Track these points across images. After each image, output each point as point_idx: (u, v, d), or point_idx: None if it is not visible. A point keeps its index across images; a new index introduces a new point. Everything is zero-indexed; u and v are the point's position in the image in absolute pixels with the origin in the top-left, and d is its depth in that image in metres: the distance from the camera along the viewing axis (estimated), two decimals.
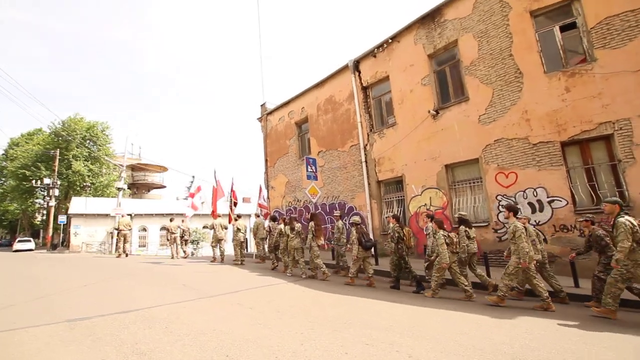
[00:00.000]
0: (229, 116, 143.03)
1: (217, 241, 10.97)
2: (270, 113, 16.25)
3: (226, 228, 11.29)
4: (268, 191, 15.80)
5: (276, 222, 10.00)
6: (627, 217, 4.35)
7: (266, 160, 16.20)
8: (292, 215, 11.06)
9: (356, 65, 11.86)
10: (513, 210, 5.38)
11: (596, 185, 7.02)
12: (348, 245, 8.17)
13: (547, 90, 7.49)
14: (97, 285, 6.35)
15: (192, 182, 51.34)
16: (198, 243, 26.46)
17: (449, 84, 9.42)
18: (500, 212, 7.93)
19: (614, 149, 6.83)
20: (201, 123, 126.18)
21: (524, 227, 5.19)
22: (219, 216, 11.50)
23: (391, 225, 7.57)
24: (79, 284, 6.46)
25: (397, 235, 6.99)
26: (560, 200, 7.13)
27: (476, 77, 8.61)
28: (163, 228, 28.00)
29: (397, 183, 10.55)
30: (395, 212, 10.45)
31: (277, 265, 9.23)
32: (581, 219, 5.88)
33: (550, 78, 7.50)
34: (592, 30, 7.12)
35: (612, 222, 4.53)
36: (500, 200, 8.00)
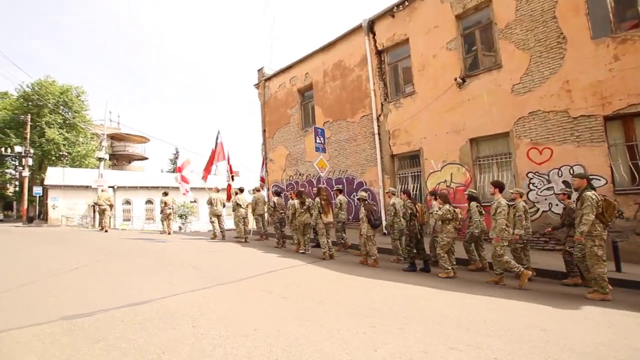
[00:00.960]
0: (221, 81, 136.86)
1: (216, 217, 10.14)
2: (269, 79, 14.98)
3: (224, 205, 10.44)
4: (266, 164, 14.86)
5: (280, 197, 9.21)
6: (593, 191, 4.50)
7: (264, 131, 15.11)
8: (300, 189, 10.25)
9: (370, 26, 10.75)
10: (499, 186, 5.56)
11: (639, 164, 6.56)
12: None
13: (592, 58, 6.79)
14: (91, 268, 5.47)
15: (175, 154, 49.46)
16: (186, 218, 25.46)
17: (478, 49, 8.57)
18: (531, 190, 7.44)
19: None
20: (186, 90, 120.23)
21: (516, 203, 5.59)
22: (218, 190, 10.61)
23: (393, 200, 7.01)
24: (68, 266, 5.56)
25: (409, 211, 6.42)
26: (599, 179, 6.63)
27: (512, 41, 7.79)
28: (149, 201, 26.74)
29: (413, 158, 9.87)
30: (409, 188, 9.84)
31: (283, 243, 8.57)
32: (560, 192, 5.88)
33: (597, 45, 6.78)
34: None
35: (577, 195, 4.62)
36: (531, 178, 7.48)
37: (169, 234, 11.83)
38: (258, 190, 10.43)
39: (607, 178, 6.60)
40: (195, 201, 28.61)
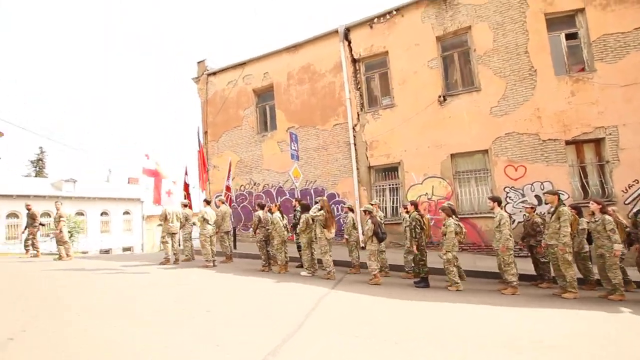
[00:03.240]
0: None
1: (171, 235, 7.98)
2: (214, 74, 13.06)
3: (187, 219, 8.39)
4: (207, 172, 12.74)
5: (263, 210, 7.85)
6: (565, 207, 5.30)
7: (205, 133, 13.01)
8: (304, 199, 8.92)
9: (345, 33, 10.46)
10: (497, 200, 5.92)
11: (586, 182, 7.96)
12: (345, 237, 7.12)
13: (556, 91, 8.02)
14: (44, 338, 3.30)
15: (40, 154, 38.64)
16: (71, 235, 19.96)
17: (457, 70, 9.20)
18: (508, 202, 8.21)
19: (603, 151, 7.83)
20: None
21: (532, 215, 6.32)
22: (185, 206, 8.46)
23: (405, 214, 6.91)
24: None
25: (418, 224, 6.33)
26: (564, 194, 7.77)
27: (490, 68, 8.61)
28: (12, 215, 19.88)
29: (392, 170, 9.85)
30: (376, 201, 9.80)
31: (269, 266, 7.27)
32: (527, 206, 6.60)
33: (559, 80, 8.04)
34: (593, 43, 7.91)
35: (553, 210, 5.32)
36: (507, 192, 8.27)
37: (60, 258, 8.77)
38: (222, 203, 8.69)
39: (569, 193, 7.79)
40: (82, 214, 22.72)
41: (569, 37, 8.27)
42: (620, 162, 7.57)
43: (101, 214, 24.35)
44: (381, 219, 7.04)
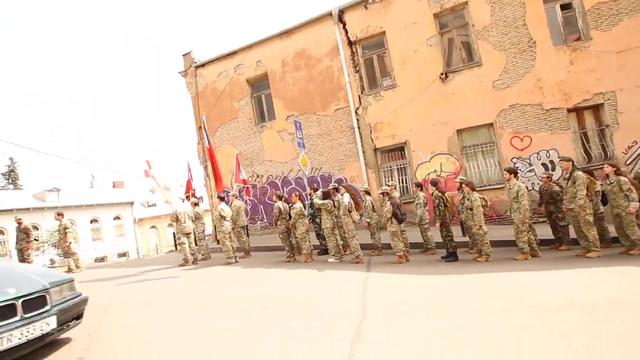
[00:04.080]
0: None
1: (186, 235, 7.78)
2: (203, 66, 12.54)
3: (200, 218, 8.17)
4: (205, 167, 12.41)
5: (282, 201, 7.74)
6: (580, 171, 5.51)
7: (200, 128, 12.56)
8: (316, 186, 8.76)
9: (339, 15, 10.23)
10: (514, 172, 6.05)
11: (588, 147, 8.31)
12: (365, 220, 7.22)
13: (555, 61, 8.21)
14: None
15: (10, 166, 36.18)
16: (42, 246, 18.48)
17: (457, 46, 9.23)
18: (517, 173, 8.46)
19: (603, 116, 8.16)
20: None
21: (549, 185, 6.45)
22: (183, 200, 8.22)
23: (420, 193, 7.04)
24: None
25: (442, 202, 6.48)
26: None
27: (489, 42, 8.68)
28: None
29: (399, 150, 9.91)
30: (393, 182, 9.88)
31: (293, 256, 7.25)
32: (544, 175, 6.78)
33: (557, 50, 8.23)
34: (587, 12, 8.10)
35: (568, 176, 5.55)
36: (515, 163, 8.51)
37: (69, 270, 8.43)
38: (236, 197, 8.51)
39: (574, 159, 8.07)
40: (72, 223, 21.69)
41: (564, 7, 8.43)
42: (620, 125, 7.91)
43: (91, 222, 23.38)
44: (399, 200, 7.13)
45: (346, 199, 6.51)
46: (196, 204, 8.53)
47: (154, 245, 26.89)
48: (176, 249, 8.62)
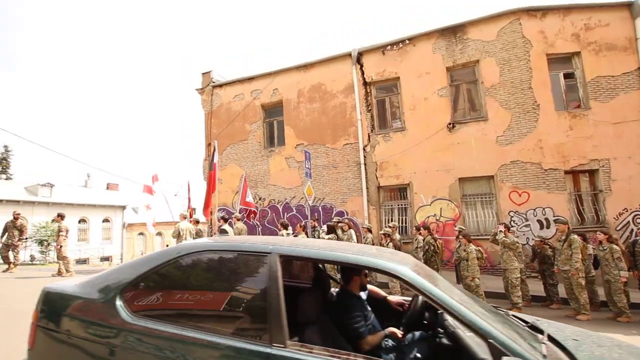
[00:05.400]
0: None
1: None
2: (220, 86, 13.01)
3: (200, 235, 8.25)
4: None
5: (287, 230, 7.88)
6: (575, 235, 5.90)
7: (209, 145, 12.84)
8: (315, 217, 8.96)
9: (358, 57, 10.85)
10: (567, 224, 6.22)
11: (582, 209, 8.70)
12: None
13: (556, 125, 8.76)
14: None
15: (3, 154, 35.80)
16: (48, 244, 18.59)
17: (465, 99, 9.79)
18: (512, 226, 8.76)
19: (597, 181, 8.61)
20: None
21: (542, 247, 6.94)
22: (185, 217, 8.31)
23: (419, 237, 7.27)
24: None
25: (432, 248, 6.73)
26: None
27: (496, 100, 9.25)
28: None
29: (401, 190, 10.23)
30: (394, 222, 10.11)
31: None
32: (537, 238, 7.30)
33: (559, 115, 8.80)
34: (588, 83, 8.76)
35: (564, 238, 5.90)
36: (512, 216, 8.83)
37: (59, 273, 8.30)
38: (239, 220, 8.64)
39: (568, 219, 8.42)
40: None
41: (567, 76, 9.10)
42: (612, 192, 8.35)
43: (79, 222, 22.97)
44: (399, 242, 7.33)
45: (353, 234, 6.71)
46: (197, 222, 8.63)
47: (139, 253, 26.37)
48: None
